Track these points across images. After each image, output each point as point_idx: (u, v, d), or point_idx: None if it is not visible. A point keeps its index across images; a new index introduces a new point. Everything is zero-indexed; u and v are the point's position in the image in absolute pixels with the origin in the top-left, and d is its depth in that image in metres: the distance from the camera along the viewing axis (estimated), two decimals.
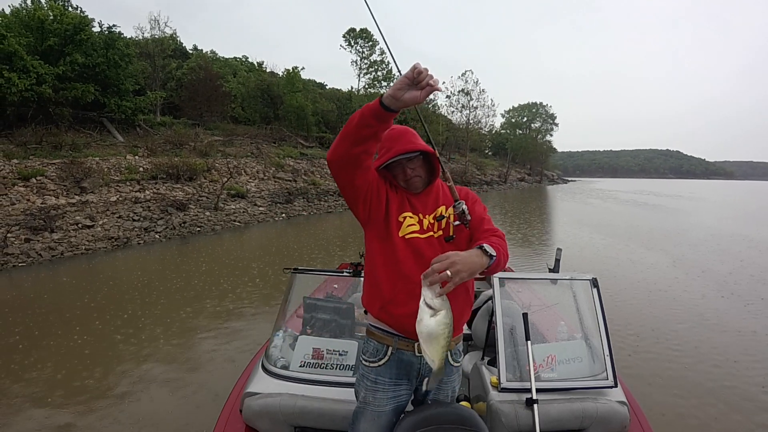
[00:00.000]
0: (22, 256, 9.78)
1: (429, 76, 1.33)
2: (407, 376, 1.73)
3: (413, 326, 1.34)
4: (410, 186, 1.76)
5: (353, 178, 1.59)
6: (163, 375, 4.56)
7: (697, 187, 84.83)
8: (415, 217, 1.72)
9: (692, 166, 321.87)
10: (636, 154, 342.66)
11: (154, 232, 13.10)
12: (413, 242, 1.67)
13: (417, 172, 1.75)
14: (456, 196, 1.72)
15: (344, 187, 1.62)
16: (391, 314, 1.67)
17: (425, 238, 1.69)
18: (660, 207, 28.49)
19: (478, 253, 1.41)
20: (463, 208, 1.65)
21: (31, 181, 13.32)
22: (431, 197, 1.77)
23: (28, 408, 3.91)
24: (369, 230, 1.76)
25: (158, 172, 17.21)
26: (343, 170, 1.56)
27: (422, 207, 1.74)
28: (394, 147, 1.71)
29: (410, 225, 1.70)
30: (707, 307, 6.79)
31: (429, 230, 1.70)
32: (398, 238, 1.68)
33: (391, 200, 1.73)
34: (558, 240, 13.96)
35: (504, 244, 1.58)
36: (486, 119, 55.60)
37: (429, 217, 1.73)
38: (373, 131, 1.46)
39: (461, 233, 1.71)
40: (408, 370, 1.72)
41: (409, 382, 1.75)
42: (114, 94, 20.21)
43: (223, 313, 6.41)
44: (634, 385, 3.79)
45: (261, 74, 35.58)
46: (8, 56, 15.58)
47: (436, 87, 1.34)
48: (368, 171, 1.63)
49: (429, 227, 1.71)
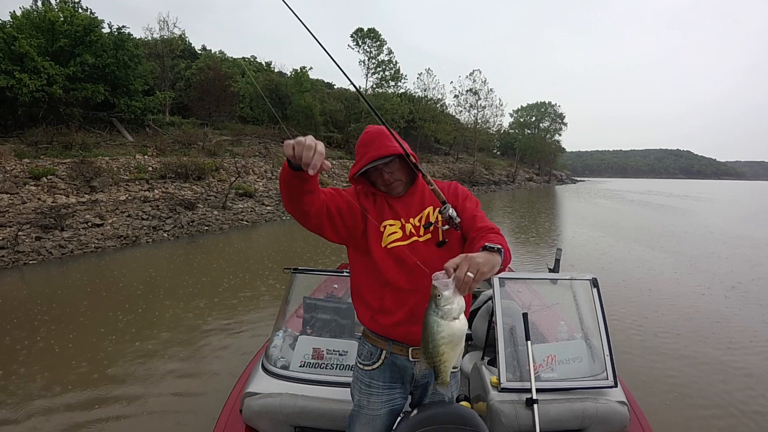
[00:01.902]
0: (32, 254, 9.90)
1: (307, 155, 1.25)
2: (401, 380, 1.73)
3: (403, 334, 1.34)
4: (391, 190, 1.70)
5: (307, 219, 1.54)
6: (170, 372, 4.61)
7: (706, 187, 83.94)
8: (397, 223, 1.66)
9: (702, 167, 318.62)
10: (646, 154, 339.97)
11: (162, 230, 13.20)
12: (396, 251, 1.62)
13: (396, 175, 1.67)
14: (442, 198, 1.60)
15: (302, 222, 1.57)
16: (381, 324, 1.66)
17: (408, 244, 1.63)
18: (667, 207, 28.27)
19: (487, 252, 1.30)
20: (449, 213, 1.56)
21: (42, 180, 13.48)
22: (415, 198, 1.69)
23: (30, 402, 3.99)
24: (350, 247, 1.73)
25: (167, 171, 17.35)
26: (297, 215, 1.53)
27: (405, 211, 1.68)
28: (368, 153, 1.63)
29: (392, 233, 1.64)
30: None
31: (412, 235, 1.64)
32: (380, 249, 1.64)
33: (369, 211, 1.68)
34: (564, 240, 13.90)
35: (503, 239, 1.46)
36: (494, 119, 55.38)
37: (414, 219, 1.66)
38: (300, 189, 1.41)
39: (453, 235, 1.63)
40: (402, 374, 1.71)
41: (403, 387, 1.75)
42: (123, 94, 20.38)
43: (231, 310, 6.46)
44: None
45: (269, 74, 35.71)
46: (19, 57, 15.78)
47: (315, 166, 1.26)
48: (318, 203, 1.53)
49: (412, 232, 1.64)
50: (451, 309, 1.21)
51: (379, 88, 42.01)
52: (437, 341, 1.24)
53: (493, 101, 53.92)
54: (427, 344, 1.26)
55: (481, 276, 1.20)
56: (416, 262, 1.53)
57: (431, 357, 1.27)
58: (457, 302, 1.21)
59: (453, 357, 1.28)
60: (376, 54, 41.91)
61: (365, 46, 41.70)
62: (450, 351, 1.26)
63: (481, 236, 1.48)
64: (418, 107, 42.98)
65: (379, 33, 41.14)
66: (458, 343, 1.27)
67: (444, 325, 1.22)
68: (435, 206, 1.66)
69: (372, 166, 1.63)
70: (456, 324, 1.23)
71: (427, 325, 1.25)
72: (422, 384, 1.74)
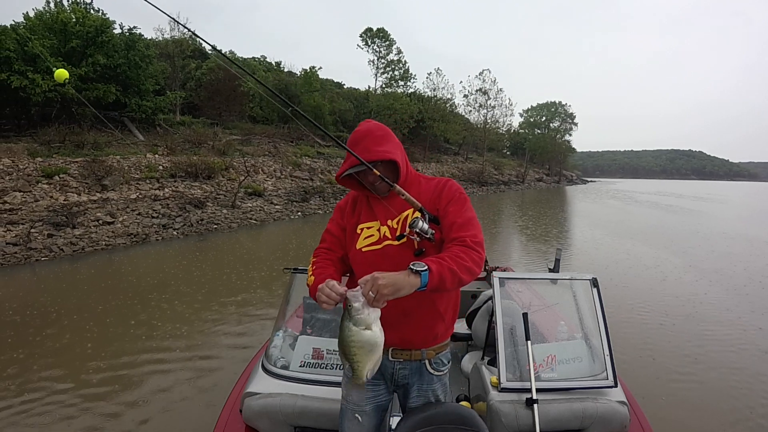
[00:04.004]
0: (44, 251, 10.04)
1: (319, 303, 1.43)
2: (382, 376, 1.74)
3: (387, 335, 1.42)
4: (376, 190, 1.70)
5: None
6: (171, 372, 4.66)
7: (718, 188, 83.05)
8: (374, 225, 1.68)
9: (715, 167, 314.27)
10: (657, 155, 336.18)
11: (172, 229, 13.33)
12: (369, 255, 1.65)
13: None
14: (417, 206, 1.60)
15: None
16: None
17: (381, 248, 1.63)
18: (677, 208, 28.01)
19: (406, 273, 1.35)
20: (419, 227, 1.52)
21: (55, 178, 13.66)
22: (398, 199, 1.65)
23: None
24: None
25: (177, 170, 17.51)
26: None
27: (383, 213, 1.67)
28: (350, 156, 1.64)
29: (367, 237, 1.67)
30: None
31: (386, 239, 1.64)
32: (355, 252, 1.69)
33: (353, 214, 1.76)
34: (569, 239, 13.84)
35: (462, 257, 1.43)
36: (504, 118, 55.01)
37: (392, 222, 1.65)
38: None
39: (430, 243, 1.59)
40: (383, 372, 1.72)
41: (386, 383, 1.76)
42: (135, 94, 20.58)
43: (239, 306, 6.51)
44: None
45: (279, 74, 35.85)
46: (32, 58, 16.00)
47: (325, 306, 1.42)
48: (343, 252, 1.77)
49: (386, 235, 1.64)
50: (361, 318, 1.37)
51: (388, 87, 42.02)
52: (348, 343, 1.41)
53: (502, 101, 53.65)
54: (341, 345, 1.43)
55: (382, 297, 1.31)
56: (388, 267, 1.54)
57: (346, 356, 1.44)
58: (367, 313, 1.37)
59: (366, 360, 1.43)
60: (385, 54, 41.96)
61: (374, 46, 41.74)
62: (362, 354, 1.42)
63: (446, 248, 1.52)
64: (428, 107, 42.85)
65: (388, 33, 41.20)
66: (371, 349, 1.42)
67: (354, 331, 1.39)
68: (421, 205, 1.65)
69: (353, 171, 1.67)
70: (367, 333, 1.39)
71: (341, 329, 1.42)
72: (403, 384, 1.75)
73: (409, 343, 1.68)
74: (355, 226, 1.72)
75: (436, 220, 1.61)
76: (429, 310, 1.66)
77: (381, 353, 1.44)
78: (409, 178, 1.72)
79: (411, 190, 1.67)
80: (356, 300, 1.36)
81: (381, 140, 1.66)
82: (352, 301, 1.37)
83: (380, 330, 1.41)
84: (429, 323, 1.67)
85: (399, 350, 1.68)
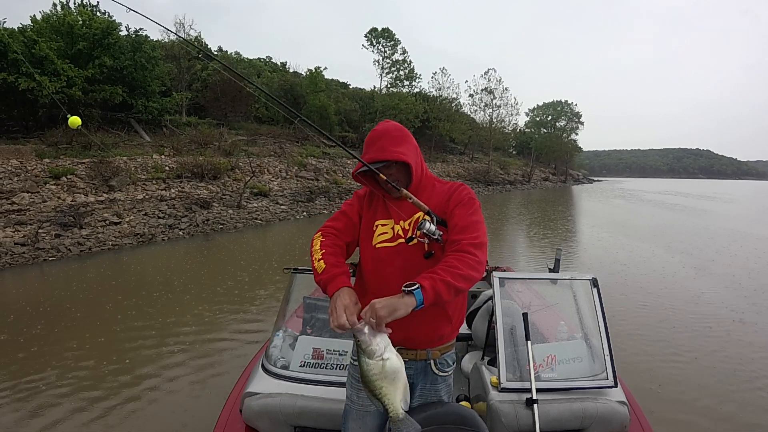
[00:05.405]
0: (52, 251, 10.14)
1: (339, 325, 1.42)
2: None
3: (392, 333, 1.41)
4: (388, 191, 1.71)
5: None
6: (173, 371, 4.69)
7: (725, 187, 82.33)
8: (388, 223, 1.69)
9: (723, 166, 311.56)
10: (664, 154, 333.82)
11: (178, 229, 13.41)
12: (384, 251, 1.66)
13: (393, 178, 1.67)
14: (424, 209, 1.60)
15: None
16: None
17: (395, 246, 1.65)
18: (683, 207, 27.84)
19: (401, 294, 1.38)
20: (426, 229, 1.53)
21: (62, 179, 13.78)
22: (408, 202, 1.65)
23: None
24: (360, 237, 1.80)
25: (183, 171, 17.58)
26: None
27: (397, 213, 1.68)
28: (367, 153, 1.67)
29: (382, 234, 1.68)
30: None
31: (399, 237, 1.65)
32: (370, 248, 1.69)
33: (370, 208, 1.76)
34: (574, 239, 13.78)
35: (456, 266, 1.44)
36: (510, 118, 54.84)
37: (405, 222, 1.67)
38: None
39: (438, 246, 1.61)
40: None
41: None
42: (141, 95, 20.69)
43: (243, 304, 6.54)
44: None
45: (284, 74, 35.91)
46: (40, 60, 16.11)
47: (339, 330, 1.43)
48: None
49: (399, 234, 1.65)
50: (372, 349, 1.36)
51: (393, 87, 41.96)
52: (370, 378, 1.38)
53: (508, 100, 53.47)
54: (366, 383, 1.40)
55: (381, 320, 1.33)
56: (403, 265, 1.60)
57: (374, 394, 1.40)
58: (376, 342, 1.36)
59: (395, 391, 1.40)
60: (390, 54, 41.87)
61: (379, 46, 41.68)
62: (388, 386, 1.38)
63: (447, 253, 1.53)
64: (433, 107, 42.76)
65: (393, 33, 41.11)
66: (394, 377, 1.39)
67: (372, 364, 1.37)
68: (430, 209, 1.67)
69: (367, 169, 1.67)
70: (384, 362, 1.37)
71: (360, 367, 1.40)
72: (408, 384, 1.76)
73: (415, 343, 1.68)
74: (370, 221, 1.73)
75: (445, 222, 1.62)
76: (437, 311, 1.67)
77: (405, 379, 1.43)
78: (423, 181, 1.74)
79: (424, 193, 1.70)
80: (361, 333, 1.37)
81: (397, 141, 1.67)
82: (358, 336, 1.37)
83: (396, 356, 1.41)
84: (435, 323, 1.67)
85: (404, 350, 1.67)
